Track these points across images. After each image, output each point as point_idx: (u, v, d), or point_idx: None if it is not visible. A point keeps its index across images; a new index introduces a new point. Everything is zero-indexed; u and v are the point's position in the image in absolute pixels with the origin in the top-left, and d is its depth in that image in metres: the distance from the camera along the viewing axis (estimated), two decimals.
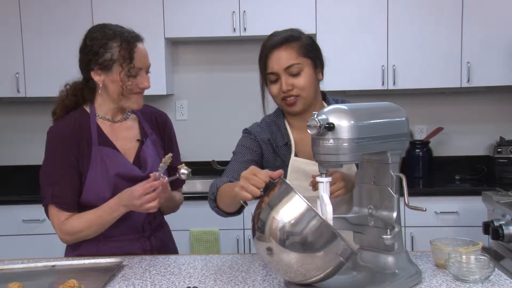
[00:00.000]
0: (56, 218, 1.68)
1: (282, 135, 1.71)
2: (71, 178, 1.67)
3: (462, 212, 3.07)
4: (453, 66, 3.30)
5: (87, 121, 1.71)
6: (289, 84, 1.62)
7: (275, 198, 1.26)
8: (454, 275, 1.38)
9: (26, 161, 3.67)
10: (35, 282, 1.44)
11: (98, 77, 1.66)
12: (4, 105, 3.73)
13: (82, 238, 1.70)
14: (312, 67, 1.66)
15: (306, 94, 1.64)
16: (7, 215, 3.14)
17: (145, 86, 1.69)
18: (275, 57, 1.63)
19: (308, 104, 1.67)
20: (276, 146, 1.70)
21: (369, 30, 3.32)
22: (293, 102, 1.64)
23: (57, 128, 1.71)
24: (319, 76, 1.70)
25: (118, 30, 1.67)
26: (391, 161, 1.38)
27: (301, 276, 1.25)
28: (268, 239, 1.23)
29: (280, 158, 1.70)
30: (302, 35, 1.68)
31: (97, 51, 1.64)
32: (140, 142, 1.76)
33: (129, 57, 1.63)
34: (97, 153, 1.67)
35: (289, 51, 1.62)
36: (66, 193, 1.66)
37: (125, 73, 1.63)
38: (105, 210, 1.64)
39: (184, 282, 1.42)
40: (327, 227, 1.21)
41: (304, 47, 1.65)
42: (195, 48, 3.74)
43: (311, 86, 1.65)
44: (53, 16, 3.34)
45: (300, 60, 1.63)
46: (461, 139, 3.70)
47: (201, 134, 3.74)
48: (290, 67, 1.62)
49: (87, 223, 1.65)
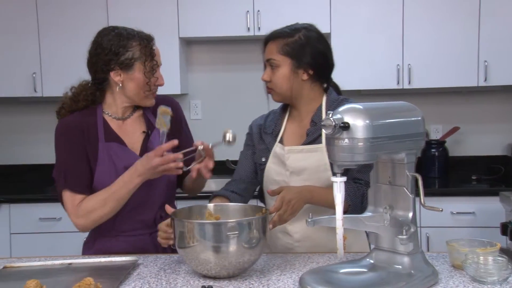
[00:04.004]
0: (70, 202, 1.69)
1: (275, 123, 1.82)
2: (82, 164, 1.69)
3: (479, 213, 3.04)
4: (470, 65, 3.27)
5: (94, 119, 1.74)
6: (268, 75, 1.76)
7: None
8: (472, 276, 1.36)
9: (43, 160, 3.70)
10: (52, 279, 1.45)
11: (118, 77, 1.70)
12: (21, 105, 3.78)
13: (97, 220, 1.68)
14: (290, 66, 1.71)
15: (279, 90, 1.74)
16: (24, 213, 3.18)
17: (162, 83, 1.74)
18: (266, 48, 1.77)
19: (284, 98, 1.77)
20: (263, 133, 1.84)
21: (384, 28, 3.30)
22: (270, 92, 1.79)
23: (64, 123, 1.74)
24: (303, 76, 1.72)
25: (131, 30, 1.72)
26: (406, 161, 1.36)
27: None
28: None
29: (265, 143, 1.82)
30: (298, 33, 1.71)
31: (117, 51, 1.67)
32: (146, 134, 1.78)
33: (150, 54, 1.69)
34: (104, 149, 1.70)
35: (273, 46, 1.73)
36: (79, 177, 1.69)
37: (149, 70, 1.68)
38: (119, 184, 1.64)
39: (199, 281, 1.42)
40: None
41: (288, 45, 1.71)
42: (209, 47, 3.74)
43: (285, 84, 1.72)
44: (69, 17, 3.37)
45: (277, 57, 1.72)
46: (477, 139, 3.66)
47: (215, 134, 3.70)
48: (269, 60, 1.74)
49: (101, 201, 1.66)
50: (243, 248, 1.39)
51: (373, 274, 1.37)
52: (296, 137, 1.77)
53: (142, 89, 1.71)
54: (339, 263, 1.49)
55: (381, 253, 1.42)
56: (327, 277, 1.35)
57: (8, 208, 3.18)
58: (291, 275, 1.45)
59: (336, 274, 1.38)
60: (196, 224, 1.41)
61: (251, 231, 1.40)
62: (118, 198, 1.66)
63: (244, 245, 1.39)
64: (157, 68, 1.72)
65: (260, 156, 1.82)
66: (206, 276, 1.44)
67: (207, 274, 1.43)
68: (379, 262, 1.41)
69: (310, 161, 1.71)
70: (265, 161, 1.80)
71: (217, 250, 1.38)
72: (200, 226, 1.40)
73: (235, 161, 3.54)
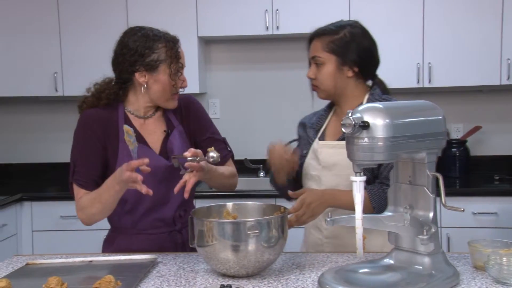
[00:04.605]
0: (75, 195, 1.72)
1: (319, 118, 1.86)
2: (93, 159, 1.70)
3: (502, 213, 2.99)
4: (492, 63, 3.21)
5: (116, 116, 1.75)
6: (313, 73, 1.76)
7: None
8: (494, 277, 1.34)
9: (64, 159, 3.69)
10: (73, 276, 1.47)
11: (143, 78, 1.70)
12: (43, 104, 3.84)
13: (92, 216, 1.69)
14: (336, 63, 1.71)
15: (324, 87, 1.75)
16: (46, 211, 3.23)
17: (186, 85, 1.75)
18: (311, 45, 1.77)
19: (329, 95, 1.77)
20: (308, 127, 1.87)
21: (404, 27, 3.27)
22: (314, 90, 1.79)
23: (87, 115, 1.75)
24: (348, 73, 1.73)
25: (157, 31, 1.72)
26: (427, 160, 1.35)
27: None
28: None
29: (307, 136, 1.85)
30: (343, 30, 1.72)
31: (143, 53, 1.68)
32: (166, 133, 1.79)
33: (175, 56, 1.70)
34: (124, 149, 1.71)
35: (318, 43, 1.73)
36: (85, 171, 1.70)
37: (174, 72, 1.69)
38: (103, 188, 1.65)
39: (217, 280, 1.42)
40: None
41: (333, 42, 1.71)
42: (228, 46, 3.75)
43: (329, 81, 1.73)
44: (89, 17, 3.41)
45: (323, 55, 1.72)
46: (499, 138, 3.59)
47: (233, 133, 3.74)
48: (314, 58, 1.74)
49: (90, 200, 1.67)
50: (262, 247, 1.39)
51: (393, 274, 1.36)
52: (336, 134, 1.79)
53: (167, 91, 1.71)
54: (358, 262, 1.48)
55: (401, 253, 1.41)
56: (346, 277, 1.34)
57: (30, 206, 3.23)
58: (310, 275, 1.44)
59: (355, 274, 1.37)
60: (215, 223, 1.41)
61: (270, 230, 1.40)
62: (103, 201, 1.64)
63: (263, 244, 1.39)
64: (182, 70, 1.72)
65: (302, 149, 1.85)
66: (225, 275, 1.44)
67: (226, 273, 1.43)
68: (399, 262, 1.40)
69: (342, 157, 1.70)
70: (306, 153, 1.82)
71: (236, 249, 1.38)
72: (220, 225, 1.40)
73: (253, 160, 3.57)
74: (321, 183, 1.75)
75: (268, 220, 1.42)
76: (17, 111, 3.87)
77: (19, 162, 3.86)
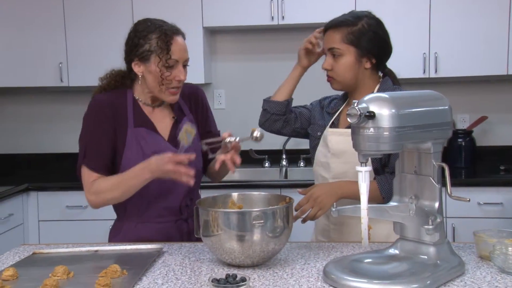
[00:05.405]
0: (86, 178, 1.72)
1: (335, 106, 1.86)
2: (104, 143, 1.71)
3: (507, 203, 2.98)
4: (499, 53, 3.19)
5: (125, 101, 1.76)
6: (329, 64, 1.73)
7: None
8: (499, 267, 1.34)
9: (70, 149, 3.75)
10: (80, 266, 1.48)
11: (138, 68, 1.71)
12: (48, 94, 3.85)
13: (107, 201, 1.71)
14: (355, 55, 1.70)
15: (341, 79, 1.73)
16: (52, 201, 3.25)
17: (180, 78, 1.70)
18: (327, 37, 1.74)
19: (345, 86, 1.76)
20: (326, 112, 1.87)
21: (410, 16, 3.24)
22: (330, 81, 1.77)
23: (98, 100, 1.76)
24: (366, 64, 1.72)
25: (158, 23, 1.71)
26: (433, 151, 1.35)
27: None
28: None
29: (324, 120, 1.86)
30: (360, 21, 1.70)
31: (137, 43, 1.69)
32: (175, 120, 1.79)
33: (165, 48, 1.67)
34: (133, 134, 1.72)
35: (336, 34, 1.71)
36: (98, 156, 1.71)
37: (163, 64, 1.67)
38: (130, 174, 1.66)
39: (223, 270, 1.43)
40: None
41: (352, 34, 1.69)
42: (233, 37, 3.74)
43: (348, 73, 1.71)
44: (95, 8, 3.40)
45: (342, 46, 1.69)
46: (506, 129, 3.58)
47: (238, 123, 3.75)
48: (331, 49, 1.71)
49: (111, 185, 1.68)
50: (267, 237, 1.40)
51: (398, 264, 1.36)
52: (347, 122, 1.77)
53: (160, 83, 1.69)
54: (363, 252, 1.48)
55: (406, 243, 1.41)
56: (352, 267, 1.34)
57: (36, 196, 3.25)
58: (315, 264, 1.45)
59: (360, 264, 1.37)
60: (221, 213, 1.42)
61: (276, 220, 1.41)
62: (128, 187, 1.66)
63: (268, 234, 1.39)
64: (175, 63, 1.68)
65: (316, 130, 1.86)
66: (231, 264, 1.45)
67: (231, 263, 1.44)
68: (404, 252, 1.40)
69: (351, 144, 1.71)
70: (320, 135, 1.83)
71: (241, 239, 1.39)
72: (225, 215, 1.41)
73: (258, 150, 3.57)
74: (330, 170, 1.76)
75: (274, 210, 1.42)
76: (23, 101, 3.88)
77: (25, 153, 3.88)
